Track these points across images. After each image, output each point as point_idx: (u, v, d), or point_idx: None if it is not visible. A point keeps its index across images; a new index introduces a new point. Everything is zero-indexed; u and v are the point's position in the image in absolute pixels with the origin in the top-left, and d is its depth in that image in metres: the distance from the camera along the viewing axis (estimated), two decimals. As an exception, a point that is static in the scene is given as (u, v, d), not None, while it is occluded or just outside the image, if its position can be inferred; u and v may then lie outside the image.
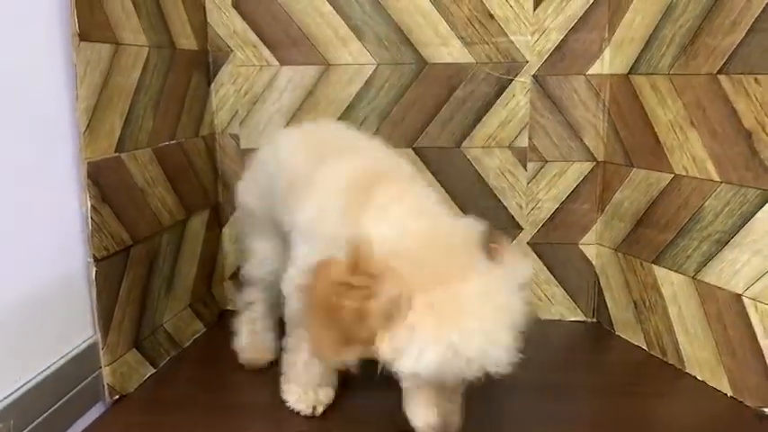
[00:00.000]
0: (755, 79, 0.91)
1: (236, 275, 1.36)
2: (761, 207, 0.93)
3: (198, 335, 1.23)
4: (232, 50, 1.27)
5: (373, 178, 0.82)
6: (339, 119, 1.27)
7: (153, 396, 1.00)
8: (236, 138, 1.31)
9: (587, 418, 0.92)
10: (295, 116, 1.28)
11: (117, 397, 0.97)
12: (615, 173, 1.21)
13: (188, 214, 1.20)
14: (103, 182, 0.93)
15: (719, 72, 0.96)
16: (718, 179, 0.99)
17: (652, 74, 1.09)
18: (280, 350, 1.02)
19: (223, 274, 1.36)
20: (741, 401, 0.96)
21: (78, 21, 0.86)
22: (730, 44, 0.95)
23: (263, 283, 1.08)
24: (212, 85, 1.29)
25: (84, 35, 0.87)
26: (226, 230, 1.35)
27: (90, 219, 0.90)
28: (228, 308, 1.37)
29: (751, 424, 0.91)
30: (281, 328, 1.09)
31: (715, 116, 0.99)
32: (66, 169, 0.89)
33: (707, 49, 0.99)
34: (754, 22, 0.91)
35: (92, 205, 0.91)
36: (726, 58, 0.96)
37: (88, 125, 0.89)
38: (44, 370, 0.85)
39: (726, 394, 0.98)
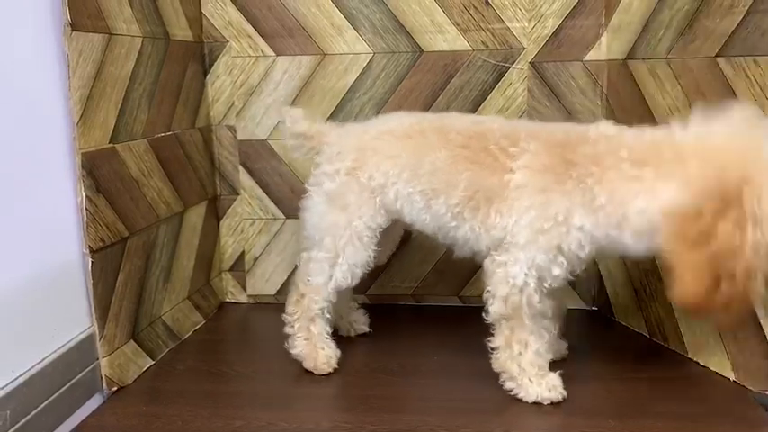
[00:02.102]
0: (755, 61, 0.90)
1: (234, 268, 1.36)
2: (761, 190, 0.92)
3: (197, 327, 1.22)
4: (227, 41, 1.27)
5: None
6: (335, 109, 1.26)
7: (151, 387, 1.00)
8: (232, 129, 1.30)
9: (590, 406, 0.91)
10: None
11: (115, 388, 0.97)
12: (614, 159, 1.20)
13: (185, 206, 1.19)
14: (98, 172, 0.92)
15: (718, 55, 0.95)
16: (718, 163, 0.98)
17: (650, 59, 1.08)
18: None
19: (221, 266, 1.36)
20: (744, 386, 0.95)
21: (70, 10, 0.85)
22: (729, 26, 0.94)
23: (338, 291, 1.04)
24: (208, 76, 1.28)
25: (75, 25, 0.87)
26: (224, 222, 1.34)
27: (85, 210, 0.90)
28: (228, 300, 1.37)
29: (754, 408, 0.90)
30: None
31: (714, 100, 0.97)
32: (60, 160, 0.89)
33: (705, 31, 0.98)
34: (752, 4, 0.90)
35: (86, 196, 0.90)
36: (724, 40, 0.94)
37: (81, 115, 0.89)
38: (40, 361, 0.84)
39: (728, 379, 0.98)
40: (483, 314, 0.94)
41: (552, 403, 0.91)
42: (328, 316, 1.05)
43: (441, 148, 0.96)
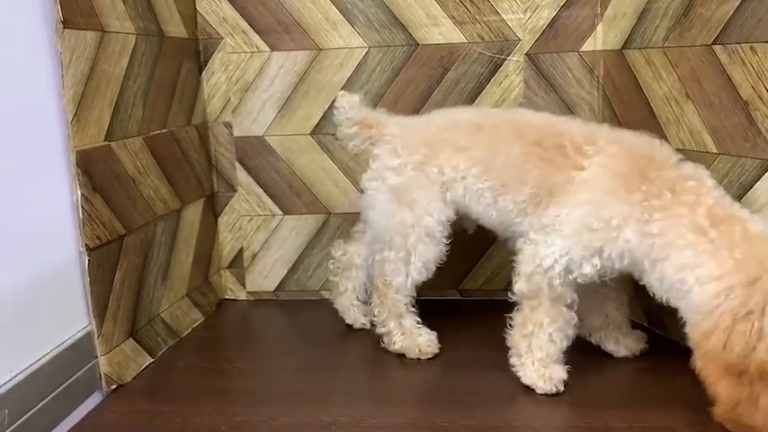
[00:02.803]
0: (751, 48, 0.90)
1: (233, 265, 1.36)
2: (759, 177, 0.91)
3: (196, 324, 1.22)
4: (222, 38, 1.26)
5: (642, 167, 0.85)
6: (332, 104, 1.25)
7: (151, 385, 1.00)
8: (228, 126, 1.30)
9: (591, 397, 0.91)
10: (287, 103, 1.27)
11: (114, 386, 0.97)
12: (612, 150, 1.19)
13: (182, 203, 1.19)
14: (93, 170, 0.92)
15: (715, 42, 0.95)
16: (716, 151, 0.98)
17: (646, 48, 1.08)
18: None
19: (220, 263, 1.36)
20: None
21: (62, 7, 0.85)
22: (725, 13, 0.93)
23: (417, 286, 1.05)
24: (203, 72, 1.28)
25: (68, 22, 0.86)
26: (221, 219, 1.34)
27: (81, 208, 0.90)
28: (227, 297, 1.37)
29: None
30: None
31: (711, 87, 0.97)
32: (55, 158, 0.88)
33: (701, 19, 0.97)
34: (748, -10, 0.89)
35: (82, 194, 0.90)
36: (721, 27, 0.94)
37: (75, 113, 0.89)
38: (38, 360, 0.84)
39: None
40: (508, 294, 0.94)
41: (547, 395, 0.90)
42: (413, 309, 1.06)
43: (514, 142, 0.95)
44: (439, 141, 1.00)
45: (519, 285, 0.91)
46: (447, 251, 1.03)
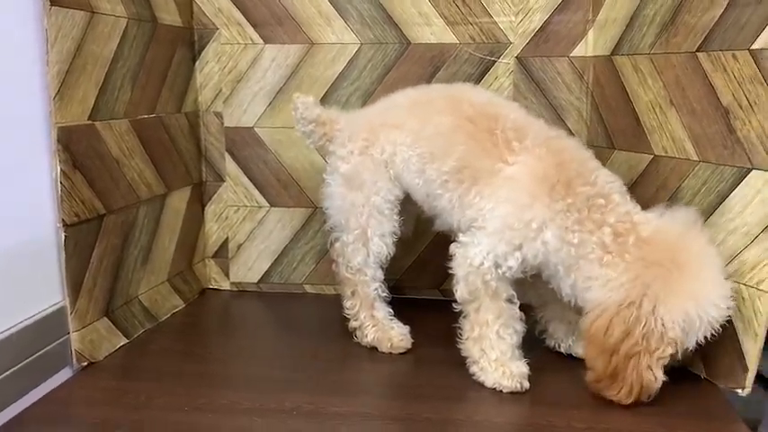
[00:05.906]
0: (733, 55, 0.90)
1: (218, 254, 1.36)
2: (736, 185, 0.91)
3: (176, 310, 1.23)
4: (217, 28, 1.28)
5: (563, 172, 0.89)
6: (322, 99, 1.27)
7: (123, 364, 1.01)
8: (219, 116, 1.31)
9: (557, 395, 0.91)
10: (278, 95, 1.29)
11: (85, 363, 0.97)
12: (597, 156, 1.18)
13: (168, 189, 1.20)
14: (75, 148, 0.93)
15: (699, 50, 0.95)
16: (696, 158, 0.97)
17: (634, 54, 1.08)
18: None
19: (205, 252, 1.36)
20: (714, 383, 0.94)
21: (50, -15, 0.87)
22: (709, 21, 0.93)
23: (380, 264, 1.06)
24: (197, 62, 1.29)
25: (55, 0, 0.88)
26: (208, 209, 1.35)
27: (59, 184, 0.91)
28: (211, 286, 1.38)
29: (723, 406, 0.89)
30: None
31: (694, 94, 0.97)
32: (36, 134, 0.90)
33: (686, 27, 0.97)
34: (732, -3, 0.89)
35: (61, 170, 0.91)
36: (705, 35, 0.94)
37: (59, 90, 0.90)
38: (6, 330, 0.85)
39: (699, 376, 0.96)
40: (453, 305, 0.95)
41: (512, 393, 0.90)
42: (384, 294, 1.07)
43: (447, 114, 0.98)
44: (378, 124, 1.04)
45: (460, 291, 0.93)
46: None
